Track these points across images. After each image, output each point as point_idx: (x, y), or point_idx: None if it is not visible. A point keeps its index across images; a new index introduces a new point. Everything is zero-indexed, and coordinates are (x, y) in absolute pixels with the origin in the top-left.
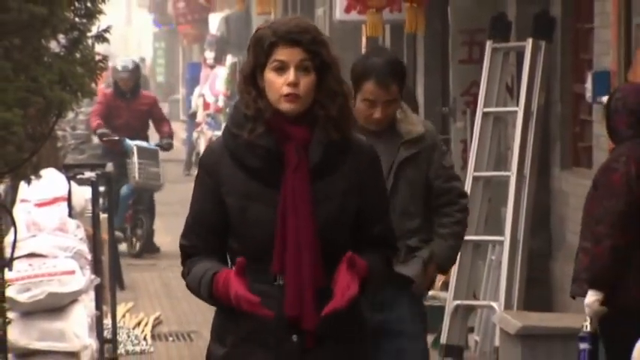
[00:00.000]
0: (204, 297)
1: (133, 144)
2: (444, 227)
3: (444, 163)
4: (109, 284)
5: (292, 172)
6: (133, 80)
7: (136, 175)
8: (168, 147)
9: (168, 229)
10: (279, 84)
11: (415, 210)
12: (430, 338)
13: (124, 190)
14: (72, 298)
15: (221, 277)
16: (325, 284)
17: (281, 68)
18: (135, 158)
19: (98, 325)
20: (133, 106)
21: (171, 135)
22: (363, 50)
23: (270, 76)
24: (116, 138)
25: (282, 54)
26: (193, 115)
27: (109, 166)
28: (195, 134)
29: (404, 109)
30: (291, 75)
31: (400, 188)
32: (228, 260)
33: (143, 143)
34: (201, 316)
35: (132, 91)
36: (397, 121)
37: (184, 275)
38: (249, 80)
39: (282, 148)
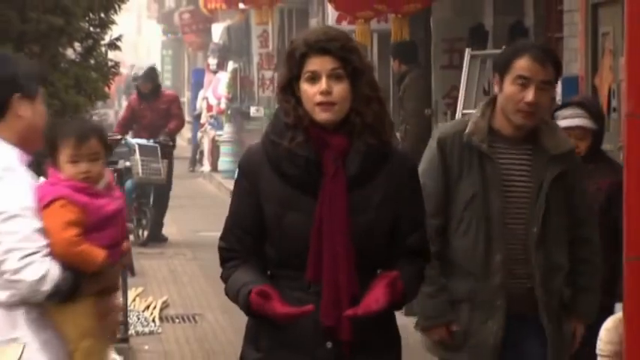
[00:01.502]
0: (241, 309)
1: (134, 142)
2: (585, 277)
3: (584, 187)
4: (120, 271)
5: (330, 180)
6: (150, 82)
7: (140, 171)
8: (164, 143)
9: (175, 221)
10: (312, 93)
11: (564, 243)
12: (413, 321)
13: (128, 184)
14: None
15: (254, 303)
16: (359, 293)
17: (313, 78)
18: (137, 155)
19: None
20: (155, 105)
21: (172, 132)
22: None
23: (304, 87)
24: (118, 137)
25: (313, 64)
26: (198, 117)
27: (121, 163)
28: (199, 134)
29: (548, 121)
30: (323, 84)
31: (552, 213)
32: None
33: (143, 141)
34: (205, 300)
35: (152, 92)
36: (540, 132)
37: (223, 279)
38: (287, 90)
39: (321, 156)
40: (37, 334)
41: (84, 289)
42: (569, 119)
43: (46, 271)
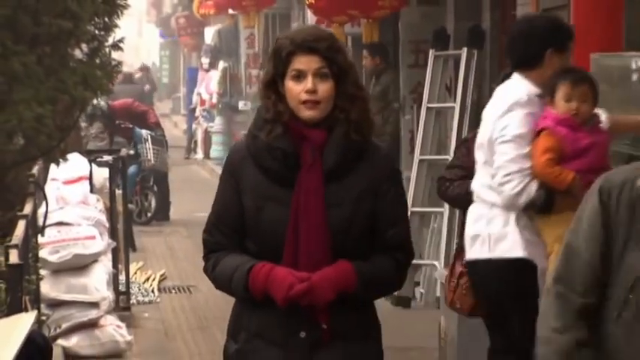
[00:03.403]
0: (234, 290)
1: (145, 132)
2: None
3: None
4: (123, 247)
5: (306, 172)
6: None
7: (152, 159)
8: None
9: (172, 202)
10: (297, 91)
11: None
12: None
13: (131, 169)
14: (93, 259)
15: (261, 274)
16: None
17: (299, 76)
18: (149, 144)
19: (114, 281)
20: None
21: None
22: None
23: (289, 84)
24: (130, 126)
25: (299, 62)
26: (193, 110)
27: (123, 151)
28: (194, 125)
29: None
30: (309, 82)
31: None
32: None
33: (151, 132)
34: (199, 273)
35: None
36: None
37: (208, 270)
38: (270, 87)
39: (299, 149)
40: (521, 232)
41: (557, 204)
42: None
43: (522, 187)
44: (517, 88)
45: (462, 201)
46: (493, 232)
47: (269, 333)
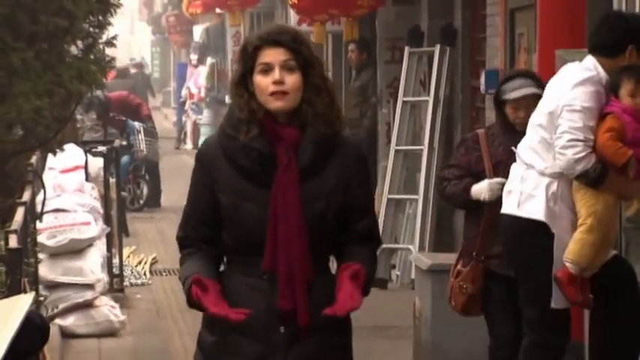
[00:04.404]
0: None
1: (137, 124)
2: None
3: None
4: (117, 232)
5: (282, 172)
6: (99, 109)
7: (144, 149)
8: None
9: (163, 190)
10: (266, 84)
11: None
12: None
13: (124, 159)
14: (88, 243)
15: (193, 294)
16: (313, 278)
17: (267, 70)
18: (142, 136)
19: (108, 264)
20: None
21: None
22: None
23: (258, 78)
24: (123, 118)
25: (266, 56)
26: (183, 103)
27: (117, 142)
28: (183, 118)
29: None
30: (276, 74)
31: None
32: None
33: (144, 124)
34: None
35: (103, 109)
36: None
37: (180, 265)
38: (241, 85)
39: (274, 149)
40: (548, 199)
41: (608, 181)
42: (519, 90)
43: (584, 155)
44: (591, 67)
45: (457, 200)
46: (524, 191)
47: (248, 328)
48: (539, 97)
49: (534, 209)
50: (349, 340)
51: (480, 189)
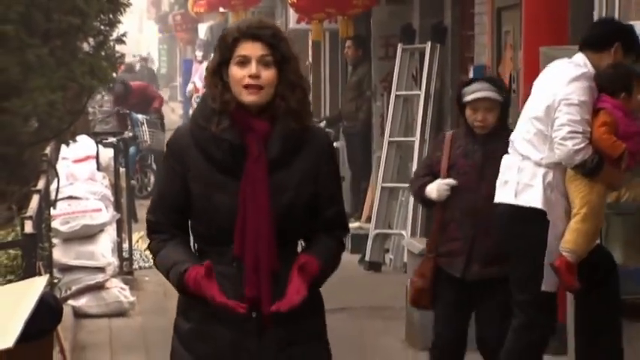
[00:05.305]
0: (171, 283)
1: (141, 117)
2: None
3: None
4: (127, 218)
5: (252, 163)
6: (121, 88)
7: (148, 140)
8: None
9: None
10: (241, 76)
11: None
12: (357, 257)
13: (132, 150)
14: (99, 229)
15: (190, 279)
16: (279, 268)
17: (243, 62)
18: (145, 127)
19: (119, 248)
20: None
21: (157, 109)
22: (310, 49)
23: (233, 70)
24: (127, 111)
25: (244, 49)
26: (189, 98)
27: (127, 134)
28: (190, 111)
29: None
30: (252, 68)
31: None
32: (191, 239)
33: (147, 116)
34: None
35: (125, 91)
36: None
37: (152, 251)
38: (216, 74)
39: (245, 140)
40: (545, 188)
41: (603, 172)
42: (476, 93)
43: (583, 147)
44: (582, 64)
45: (416, 197)
46: (521, 181)
47: (223, 315)
48: (499, 102)
49: (532, 198)
50: (322, 320)
51: (431, 189)
